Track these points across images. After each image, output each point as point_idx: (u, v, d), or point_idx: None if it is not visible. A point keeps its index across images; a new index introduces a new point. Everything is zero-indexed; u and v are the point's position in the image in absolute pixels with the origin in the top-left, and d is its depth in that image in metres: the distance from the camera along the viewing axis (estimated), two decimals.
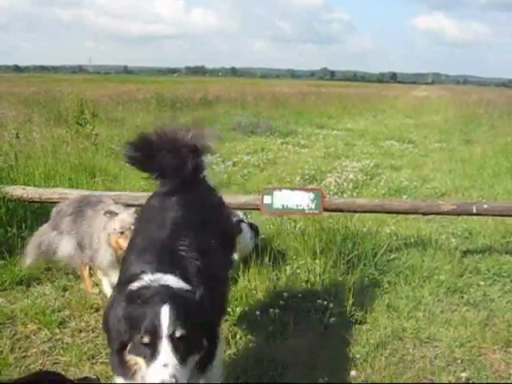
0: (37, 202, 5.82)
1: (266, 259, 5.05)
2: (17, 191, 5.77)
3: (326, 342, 3.93)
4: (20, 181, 6.45)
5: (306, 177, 9.33)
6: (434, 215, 6.10)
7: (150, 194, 3.33)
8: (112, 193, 5.80)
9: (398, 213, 5.93)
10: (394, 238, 5.90)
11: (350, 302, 4.41)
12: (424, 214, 5.75)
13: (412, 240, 5.91)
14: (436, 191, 8.66)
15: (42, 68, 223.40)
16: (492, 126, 17.04)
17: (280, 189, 5.36)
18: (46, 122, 12.15)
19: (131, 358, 2.27)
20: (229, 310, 4.22)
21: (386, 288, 4.79)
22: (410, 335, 4.06)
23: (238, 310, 4.25)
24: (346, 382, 3.45)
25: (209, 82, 55.24)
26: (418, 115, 23.53)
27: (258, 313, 4.20)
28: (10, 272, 4.87)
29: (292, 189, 5.45)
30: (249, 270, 4.77)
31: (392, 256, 5.38)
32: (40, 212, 5.93)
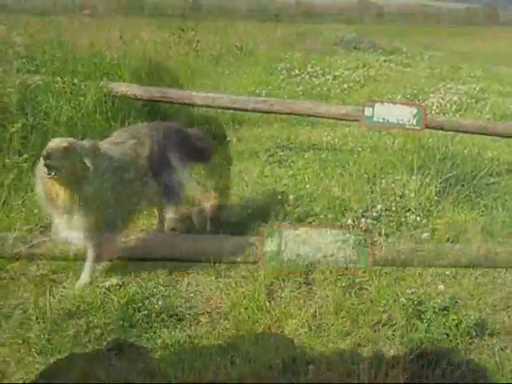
0: (140, 99, 5.99)
1: (362, 170, 5.04)
2: (122, 87, 5.95)
3: (416, 256, 3.93)
4: (125, 78, 6.62)
5: (408, 96, 9.01)
6: None
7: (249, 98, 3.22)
8: (212, 94, 5.88)
9: (502, 136, 5.67)
10: (496, 162, 5.65)
11: (444, 220, 4.36)
12: None
13: None
14: None
15: None
16: None
17: (382, 102, 5.24)
18: (149, 25, 12.29)
19: None
20: (321, 216, 4.30)
21: (482, 211, 4.64)
22: (504, 260, 3.97)
23: (330, 216, 4.30)
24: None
25: None
26: None
27: (349, 221, 4.21)
28: None
29: (394, 102, 5.31)
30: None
31: (491, 180, 5.19)
32: (142, 110, 6.12)
